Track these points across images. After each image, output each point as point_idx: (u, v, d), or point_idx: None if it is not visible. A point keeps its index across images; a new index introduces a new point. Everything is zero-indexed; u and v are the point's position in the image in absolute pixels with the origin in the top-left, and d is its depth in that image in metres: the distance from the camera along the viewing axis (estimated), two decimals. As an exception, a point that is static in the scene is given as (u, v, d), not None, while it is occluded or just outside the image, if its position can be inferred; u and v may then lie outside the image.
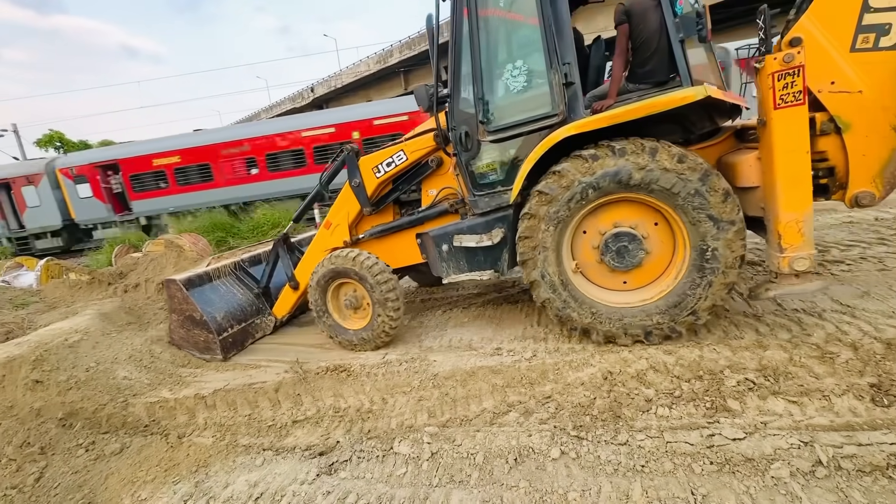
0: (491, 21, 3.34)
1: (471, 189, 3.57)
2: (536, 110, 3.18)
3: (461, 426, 2.66)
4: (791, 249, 2.77)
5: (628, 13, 3.09)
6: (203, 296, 4.27)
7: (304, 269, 4.29)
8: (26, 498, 2.57)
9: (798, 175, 2.72)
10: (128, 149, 16.18)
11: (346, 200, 4.11)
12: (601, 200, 3.08)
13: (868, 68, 2.78)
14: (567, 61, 3.03)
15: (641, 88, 3.22)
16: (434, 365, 3.42)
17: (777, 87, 2.67)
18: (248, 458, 2.66)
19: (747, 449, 2.09)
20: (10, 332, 4.94)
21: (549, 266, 3.21)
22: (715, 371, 2.68)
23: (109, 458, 2.83)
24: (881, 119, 2.81)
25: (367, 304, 3.90)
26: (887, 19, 2.71)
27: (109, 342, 4.07)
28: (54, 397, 3.38)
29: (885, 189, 2.91)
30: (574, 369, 3.02)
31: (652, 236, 3.15)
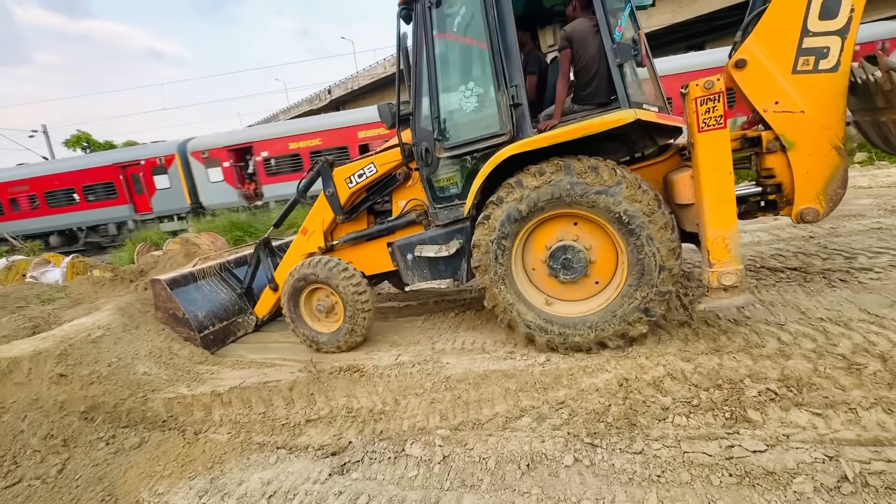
0: (446, 44, 3.55)
1: (431, 202, 3.76)
2: (487, 129, 3.36)
3: (473, 430, 2.64)
4: (719, 265, 2.87)
5: (570, 39, 3.24)
6: (187, 295, 4.47)
7: (283, 272, 4.50)
8: (49, 489, 2.65)
9: (722, 194, 2.83)
10: (262, 131, 16.16)
11: (321, 208, 4.31)
12: (540, 217, 3.25)
13: (809, 89, 2.91)
14: (515, 83, 3.20)
15: (585, 109, 3.35)
16: (447, 367, 3.42)
17: (700, 112, 2.79)
18: (262, 456, 2.69)
19: (768, 462, 2.03)
20: (36, 326, 5.10)
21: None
22: (735, 380, 2.61)
23: (129, 452, 2.89)
24: (823, 138, 2.93)
25: (338, 309, 4.06)
26: (825, 43, 2.83)
27: (130, 338, 4.17)
28: (77, 391, 3.47)
29: (828, 205, 3.03)
30: (588, 375, 2.98)
31: (595, 247, 3.28)
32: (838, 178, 3.00)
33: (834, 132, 2.93)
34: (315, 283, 4.08)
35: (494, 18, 3.20)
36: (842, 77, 2.88)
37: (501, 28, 3.19)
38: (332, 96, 36.26)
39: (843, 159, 2.98)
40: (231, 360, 4.24)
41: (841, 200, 3.09)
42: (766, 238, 5.51)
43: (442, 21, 3.49)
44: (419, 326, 4.43)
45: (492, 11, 3.20)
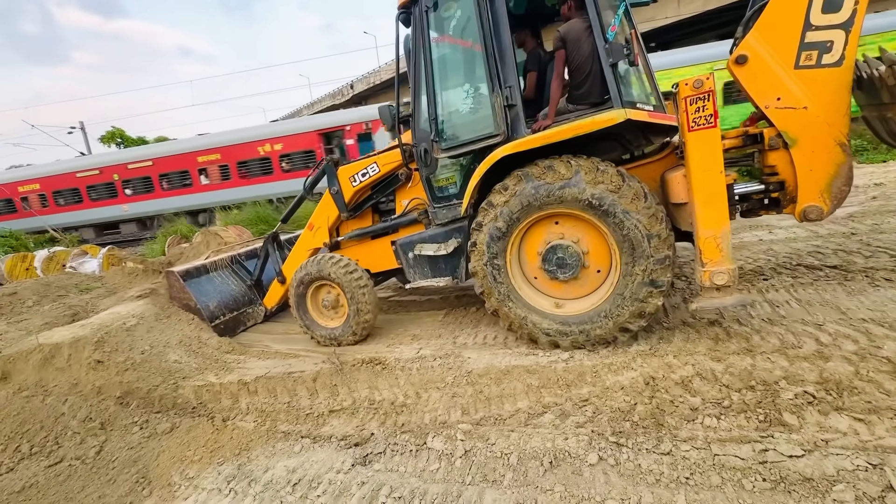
0: (442, 47, 3.62)
1: (431, 201, 3.83)
2: (482, 130, 3.38)
3: (495, 425, 2.63)
4: (711, 264, 2.84)
5: (563, 39, 3.25)
6: (199, 286, 4.67)
7: (291, 266, 4.67)
8: (88, 469, 2.78)
9: (713, 194, 2.79)
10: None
11: (326, 206, 4.44)
12: (520, 228, 3.32)
13: (812, 85, 2.85)
14: (509, 84, 3.23)
15: (579, 109, 3.36)
16: (468, 362, 3.41)
17: (690, 111, 2.74)
18: (287, 445, 2.75)
19: (806, 468, 1.94)
20: (75, 314, 5.35)
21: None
22: (769, 382, 2.51)
23: (161, 437, 3.00)
24: (826, 135, 2.86)
25: (343, 305, 4.16)
26: (829, 37, 2.76)
27: (162, 327, 4.32)
28: (113, 377, 3.62)
29: (832, 203, 2.96)
30: (613, 372, 2.92)
31: (582, 239, 3.29)
32: (843, 176, 2.92)
33: (838, 128, 2.85)
34: (313, 281, 4.19)
35: (489, 21, 3.23)
36: (846, 72, 2.79)
37: (496, 30, 3.22)
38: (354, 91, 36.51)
39: (847, 156, 2.90)
40: (257, 350, 4.35)
41: (846, 198, 3.01)
42: (803, 234, 5.27)
43: (439, 24, 3.55)
44: (441, 321, 4.43)
45: (486, 14, 3.23)
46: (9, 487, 2.68)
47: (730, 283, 2.81)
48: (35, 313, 5.55)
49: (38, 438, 3.02)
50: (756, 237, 5.44)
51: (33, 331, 4.60)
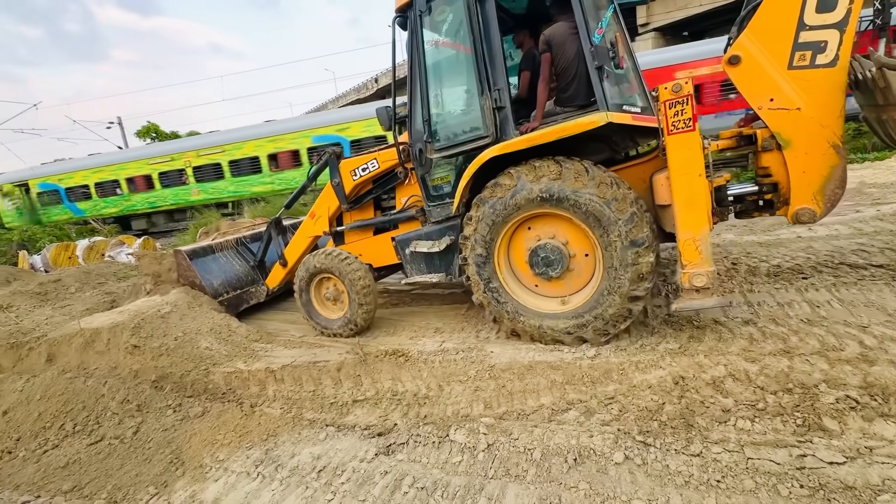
0: (436, 50, 3.71)
1: (426, 200, 3.94)
2: (472, 131, 3.46)
3: (518, 420, 2.61)
4: (690, 266, 2.84)
5: (549, 43, 3.30)
6: (204, 265, 4.96)
7: (292, 250, 4.94)
8: (126, 448, 2.91)
9: (692, 196, 2.77)
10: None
11: (327, 196, 4.60)
12: (503, 233, 3.40)
13: (806, 85, 2.81)
14: (498, 87, 3.28)
15: (567, 111, 3.41)
16: (491, 356, 3.39)
17: (669, 115, 2.73)
18: (312, 432, 2.81)
19: (847, 475, 1.85)
20: (114, 301, 5.60)
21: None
22: (808, 385, 2.40)
23: (193, 420, 3.11)
24: (820, 136, 2.83)
25: (344, 297, 4.28)
26: (823, 37, 2.72)
27: (194, 315, 4.47)
28: (149, 361, 3.78)
29: (825, 206, 2.94)
30: (641, 371, 2.85)
31: (557, 232, 3.36)
32: (836, 178, 2.89)
33: (832, 130, 2.82)
34: (316, 274, 4.35)
35: (479, 24, 3.28)
36: (840, 72, 2.76)
37: (485, 34, 3.28)
38: (378, 85, 36.65)
39: (841, 158, 2.86)
40: (283, 339, 4.45)
41: (839, 201, 2.98)
42: (846, 232, 5.00)
43: (432, 27, 3.62)
44: (464, 314, 4.43)
45: (476, 18, 3.28)
46: (54, 463, 2.83)
47: (708, 284, 2.82)
48: (77, 299, 5.84)
49: (80, 417, 3.18)
50: (794, 234, 5.20)
51: (76, 316, 4.85)
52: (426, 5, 3.49)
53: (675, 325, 3.42)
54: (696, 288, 2.84)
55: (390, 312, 4.89)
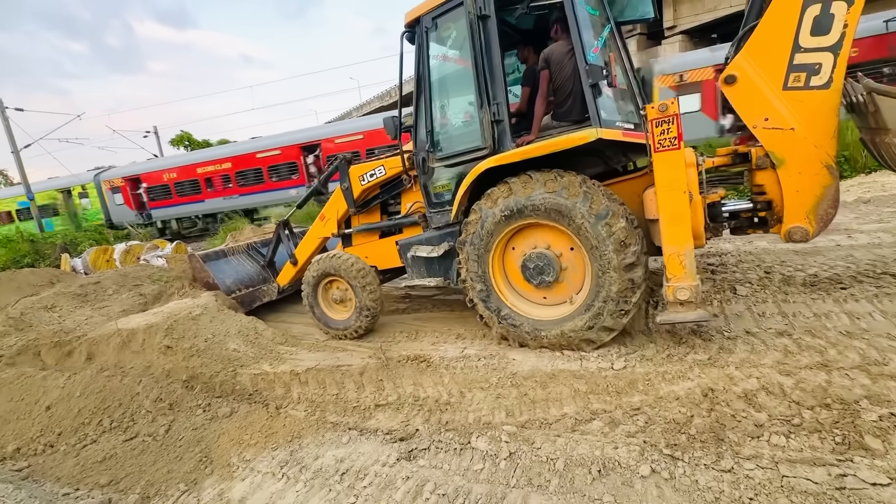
0: (440, 64, 3.90)
1: (427, 206, 4.09)
2: (471, 143, 3.61)
3: (540, 429, 2.58)
4: (675, 280, 2.89)
5: (547, 60, 3.47)
6: (217, 266, 5.44)
7: (302, 249, 5.17)
8: (159, 445, 3.02)
9: (677, 212, 2.83)
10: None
11: (336, 200, 4.79)
12: (491, 258, 3.55)
13: (800, 106, 2.87)
14: (497, 101, 3.42)
15: (562, 126, 3.54)
16: (513, 363, 3.37)
17: (655, 133, 2.79)
18: (335, 435, 2.84)
19: (892, 498, 1.75)
20: (146, 303, 5.83)
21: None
22: (848, 401, 2.29)
23: (221, 420, 3.20)
24: (814, 156, 2.88)
25: (351, 299, 4.45)
26: (817, 59, 2.78)
27: (223, 318, 4.61)
28: (180, 362, 3.92)
29: (818, 225, 2.99)
30: (668, 382, 2.78)
31: (539, 240, 3.50)
32: (829, 198, 2.93)
33: (825, 150, 2.86)
34: (324, 277, 4.54)
35: (480, 41, 3.41)
36: (834, 94, 2.81)
37: (486, 50, 3.42)
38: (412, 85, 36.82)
39: (834, 178, 2.90)
40: (308, 343, 4.53)
41: (832, 220, 3.02)
42: (889, 240, 4.75)
43: (437, 42, 3.81)
44: (485, 321, 4.41)
45: (477, 35, 3.41)
46: (93, 457, 2.96)
47: (692, 298, 2.87)
48: (115, 301, 6.10)
49: (116, 414, 3.32)
50: (833, 242, 4.98)
51: (113, 317, 5.07)
52: (432, 22, 3.68)
53: (703, 335, 3.32)
54: (680, 301, 2.89)
55: (413, 318, 4.92)
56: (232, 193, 17.95)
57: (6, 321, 4.94)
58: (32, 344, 4.52)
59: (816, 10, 2.74)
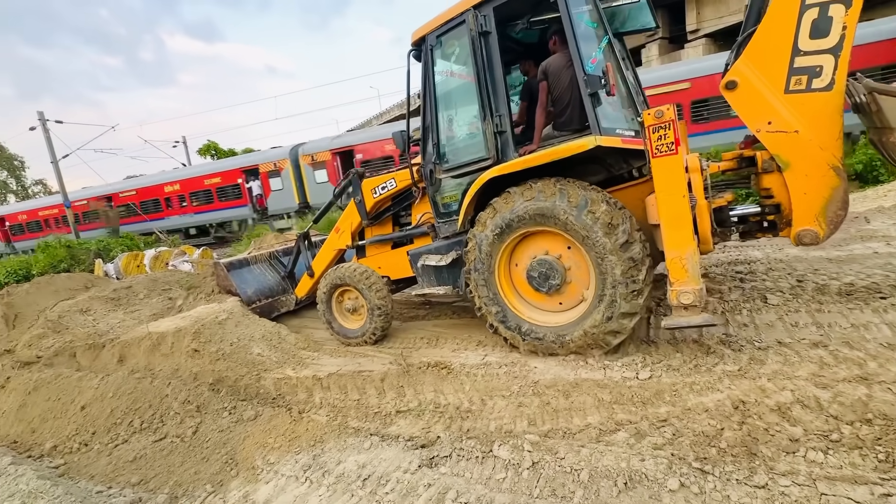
0: (445, 79, 4.04)
1: (436, 217, 4.22)
2: (476, 154, 3.71)
3: (564, 439, 2.54)
4: (678, 284, 2.89)
5: (546, 72, 3.59)
6: (240, 276, 5.54)
7: (319, 262, 5.30)
8: (186, 447, 3.09)
9: (677, 216, 2.84)
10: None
11: (350, 212, 4.93)
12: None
13: (803, 109, 2.86)
14: (499, 113, 3.53)
15: (563, 135, 3.61)
16: (535, 371, 3.33)
17: (653, 139, 2.82)
18: (357, 441, 2.86)
19: (942, 520, 1.65)
20: (170, 308, 6.01)
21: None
22: (891, 416, 2.18)
23: (246, 423, 3.26)
24: (820, 158, 2.86)
25: (363, 308, 4.54)
26: (818, 62, 2.78)
27: (248, 322, 4.72)
28: (207, 365, 4.02)
29: (828, 228, 2.95)
30: (696, 393, 2.70)
31: (538, 248, 3.57)
32: (838, 200, 2.90)
33: (831, 152, 2.84)
34: (337, 287, 4.66)
35: (482, 56, 3.53)
36: (836, 96, 2.80)
37: (488, 65, 3.54)
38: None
39: (841, 180, 2.87)
40: (329, 348, 4.59)
41: (842, 223, 2.98)
42: (933, 247, 4.53)
43: (442, 59, 3.96)
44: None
45: (479, 51, 3.53)
46: (124, 457, 3.06)
47: (696, 302, 2.85)
48: (145, 305, 6.32)
49: (146, 415, 3.42)
50: (870, 249, 4.77)
51: (144, 320, 5.25)
52: (437, 40, 3.84)
53: (733, 345, 3.22)
54: (684, 305, 2.88)
55: (433, 324, 4.93)
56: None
57: (45, 323, 5.18)
58: (69, 346, 4.72)
59: (814, 13, 2.75)
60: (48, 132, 19.71)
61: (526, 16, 3.87)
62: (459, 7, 3.63)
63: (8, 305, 6.56)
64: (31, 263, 15.21)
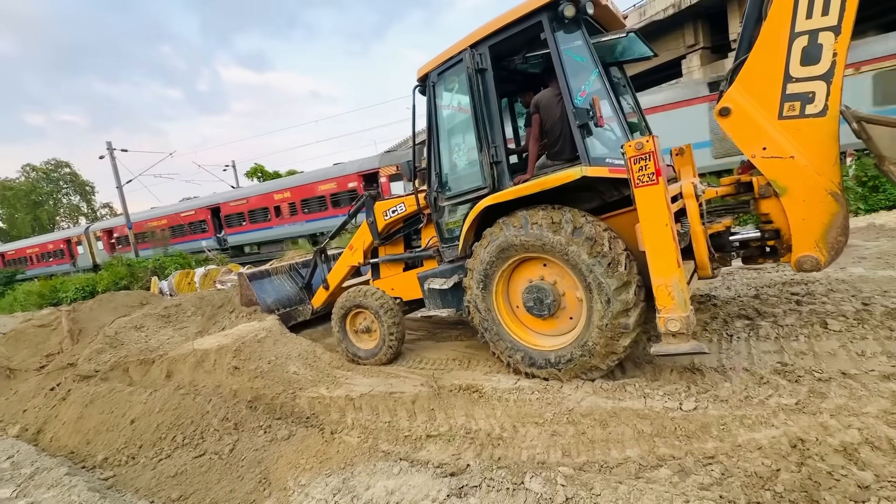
0: (445, 112, 4.27)
1: (440, 241, 4.40)
2: (473, 183, 3.92)
3: (600, 473, 2.40)
4: (664, 311, 2.89)
5: (538, 105, 3.74)
6: (261, 286, 5.92)
7: (334, 276, 5.62)
8: (224, 464, 3.18)
9: (661, 245, 2.85)
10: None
11: (363, 232, 5.22)
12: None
13: (797, 135, 2.89)
14: (495, 144, 3.73)
15: (556, 164, 3.73)
16: (569, 399, 3.20)
17: (634, 170, 2.85)
18: (386, 465, 2.84)
19: None
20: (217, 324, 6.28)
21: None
22: (982, 464, 1.91)
23: (280, 442, 3.32)
24: (817, 184, 2.88)
25: (376, 329, 4.71)
26: (810, 88, 2.82)
27: (285, 341, 4.85)
28: (246, 382, 4.15)
29: (829, 254, 2.94)
30: (747, 428, 2.49)
31: (524, 275, 3.70)
32: (838, 225, 2.89)
33: (828, 178, 2.86)
34: (351, 310, 4.85)
35: (478, 91, 3.74)
36: (831, 121, 2.82)
37: (485, 99, 3.74)
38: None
39: (840, 205, 2.88)
40: (363, 368, 4.63)
41: (843, 249, 2.96)
42: None
43: (442, 93, 4.20)
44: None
45: (476, 86, 3.74)
46: (166, 472, 3.18)
47: (683, 329, 2.84)
48: (192, 322, 6.65)
49: (188, 431, 3.56)
50: (948, 269, 4.30)
51: (190, 337, 5.52)
52: (438, 76, 4.11)
53: (789, 375, 2.97)
54: (672, 332, 2.88)
55: (465, 345, 4.87)
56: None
57: (103, 339, 5.55)
58: (122, 361, 5.02)
59: (804, 41, 2.80)
60: (115, 160, 21.55)
61: (521, 51, 4.07)
62: (458, 46, 3.90)
63: (74, 321, 7.11)
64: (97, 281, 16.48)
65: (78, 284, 17.11)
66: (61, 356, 6.00)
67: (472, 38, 3.79)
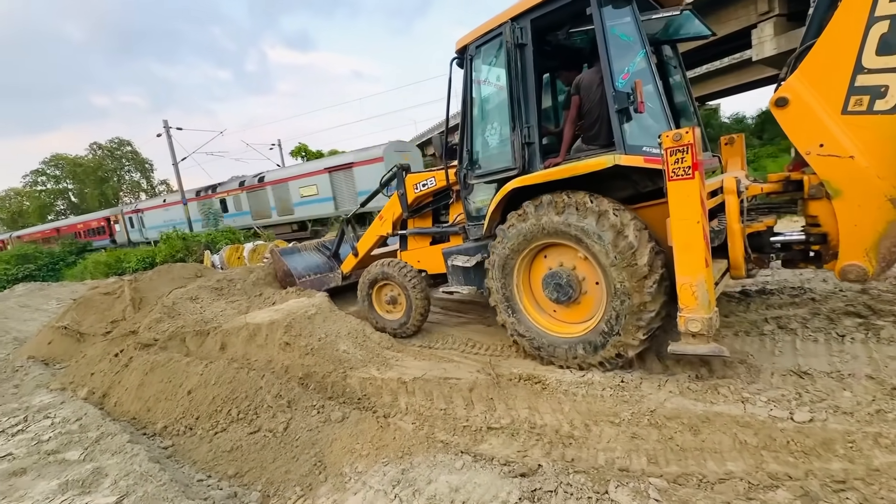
0: (481, 88, 4.12)
1: (467, 219, 4.35)
2: (504, 163, 3.81)
3: (701, 489, 2.08)
4: (686, 310, 2.78)
5: (578, 87, 3.57)
6: (292, 258, 6.63)
7: (363, 243, 5.88)
8: (278, 442, 3.10)
9: (690, 242, 2.71)
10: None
11: (393, 203, 5.32)
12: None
13: (861, 133, 2.65)
14: (528, 124, 3.58)
15: (591, 149, 3.54)
16: (649, 398, 2.86)
17: (670, 162, 2.69)
18: (447, 458, 2.63)
19: None
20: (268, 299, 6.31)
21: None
22: None
23: (334, 424, 3.19)
24: (876, 188, 2.65)
25: (402, 301, 4.84)
26: (883, 81, 2.55)
27: (335, 318, 4.75)
28: (297, 359, 4.07)
29: (879, 265, 2.75)
30: (885, 449, 2.08)
31: (544, 261, 3.66)
32: (893, 235, 2.64)
33: (890, 182, 2.60)
34: (386, 280, 4.94)
35: (516, 67, 3.58)
36: None
37: (522, 76, 3.57)
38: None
39: None
40: (412, 350, 4.46)
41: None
42: None
43: (479, 68, 4.05)
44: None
45: (514, 61, 3.58)
46: (222, 446, 3.14)
47: (703, 330, 2.73)
48: (242, 295, 6.75)
49: (243, 406, 3.51)
50: None
51: (242, 311, 5.55)
52: (476, 49, 3.96)
53: None
54: (692, 333, 2.77)
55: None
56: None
57: (162, 308, 5.69)
58: (180, 331, 5.11)
59: (884, 26, 2.49)
60: (170, 138, 22.47)
61: (565, 27, 3.78)
62: (499, 18, 3.71)
63: (135, 290, 7.41)
64: (156, 253, 17.42)
65: (139, 255, 18.17)
66: (124, 323, 6.25)
67: (514, 10, 3.58)
